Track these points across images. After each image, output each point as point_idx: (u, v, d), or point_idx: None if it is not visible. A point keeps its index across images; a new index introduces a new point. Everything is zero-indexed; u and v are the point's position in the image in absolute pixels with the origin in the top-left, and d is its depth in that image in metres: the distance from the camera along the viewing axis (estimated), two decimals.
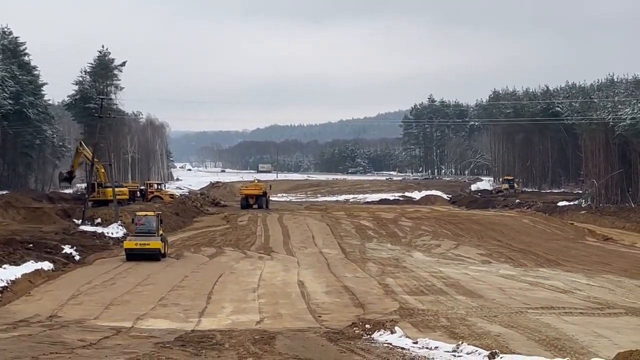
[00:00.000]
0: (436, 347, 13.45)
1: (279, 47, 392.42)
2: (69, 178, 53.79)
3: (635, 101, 58.54)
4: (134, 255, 29.84)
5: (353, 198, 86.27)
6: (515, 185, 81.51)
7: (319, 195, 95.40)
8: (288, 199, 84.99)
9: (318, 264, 31.20)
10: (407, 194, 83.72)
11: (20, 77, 59.31)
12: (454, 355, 12.74)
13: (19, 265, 25.13)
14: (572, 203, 63.90)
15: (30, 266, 25.45)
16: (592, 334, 15.89)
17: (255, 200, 62.63)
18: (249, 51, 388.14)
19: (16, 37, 63.21)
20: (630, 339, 14.29)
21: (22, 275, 23.70)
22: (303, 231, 45.77)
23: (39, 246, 30.25)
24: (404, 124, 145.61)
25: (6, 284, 21.73)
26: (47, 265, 26.74)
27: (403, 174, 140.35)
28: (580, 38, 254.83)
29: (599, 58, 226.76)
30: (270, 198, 68.08)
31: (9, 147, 59.01)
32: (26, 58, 64.34)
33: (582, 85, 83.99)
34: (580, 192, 71.18)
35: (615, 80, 76.86)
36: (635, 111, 56.56)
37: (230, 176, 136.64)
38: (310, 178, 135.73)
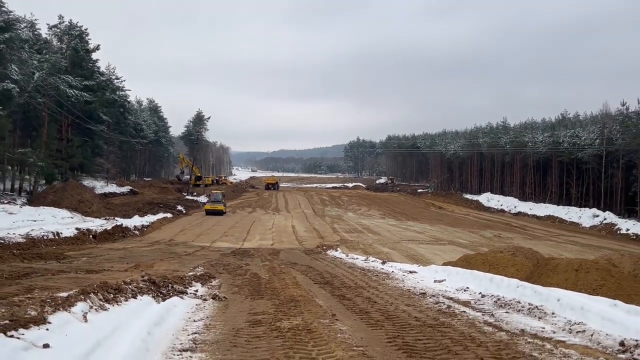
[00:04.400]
0: (357, 258, 22.47)
1: (278, 113, 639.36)
2: (181, 174, 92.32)
3: (453, 144, 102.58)
4: (209, 212, 47.84)
5: (320, 186, 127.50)
6: (394, 181, 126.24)
7: (303, 184, 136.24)
8: (288, 186, 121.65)
9: (301, 217, 51.10)
10: (346, 184, 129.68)
11: (158, 122, 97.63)
12: (365, 261, 20.56)
13: (155, 214, 42.69)
14: (425, 190, 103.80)
15: (160, 215, 42.98)
16: (432, 253, 27.84)
17: (272, 186, 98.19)
18: (268, 112, 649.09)
19: (156, 103, 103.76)
20: (450, 255, 24.50)
21: (156, 220, 39.96)
22: (295, 201, 72.63)
23: (165, 205, 50.70)
24: (345, 150, 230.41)
25: (148, 224, 37.20)
26: (169, 215, 44.78)
27: (344, 175, 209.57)
28: (426, 110, 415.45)
29: (438, 119, 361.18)
30: (280, 185, 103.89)
31: (152, 157, 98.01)
32: (161, 114, 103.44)
33: (429, 133, 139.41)
34: (429, 184, 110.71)
35: (446, 131, 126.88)
36: (455, 147, 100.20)
37: (260, 174, 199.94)
38: (299, 175, 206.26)
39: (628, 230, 44.32)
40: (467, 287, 12.34)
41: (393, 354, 6.68)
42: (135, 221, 36.41)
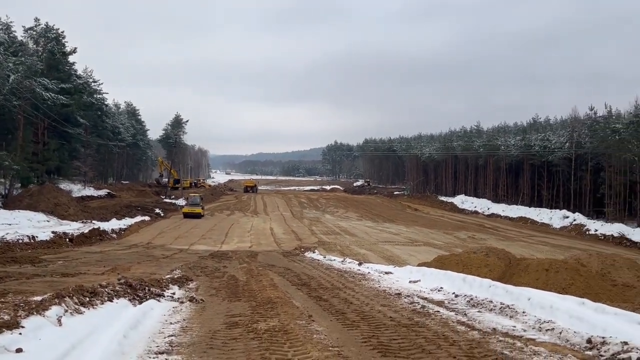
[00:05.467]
0: (334, 259, 22.53)
1: (256, 116, 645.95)
2: (160, 177, 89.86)
3: (429, 147, 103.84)
4: (188, 215, 47.38)
5: (298, 188, 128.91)
6: (371, 184, 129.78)
7: (281, 187, 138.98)
8: (267, 188, 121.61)
9: (280, 220, 50.94)
10: (324, 187, 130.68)
11: (136, 125, 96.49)
12: (342, 263, 20.71)
13: (133, 218, 41.68)
14: (401, 192, 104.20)
15: (138, 218, 42.05)
16: (408, 254, 28.04)
17: (251, 188, 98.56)
18: (246, 118, 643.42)
19: (134, 106, 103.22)
20: (425, 256, 24.57)
21: (134, 223, 39.19)
22: (273, 204, 72.55)
23: (143, 208, 49.46)
24: (323, 153, 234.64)
25: (126, 227, 36.47)
26: (147, 218, 43.94)
27: (322, 177, 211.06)
28: (402, 114, 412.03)
29: (413, 122, 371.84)
30: (258, 187, 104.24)
31: (130, 161, 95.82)
32: (139, 117, 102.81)
33: (405, 137, 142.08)
34: (405, 187, 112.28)
35: (422, 135, 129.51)
36: (430, 150, 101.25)
37: (238, 177, 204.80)
38: (277, 178, 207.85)
39: (596, 230, 45.18)
40: (441, 287, 12.45)
41: (368, 354, 6.70)
42: (113, 224, 35.94)
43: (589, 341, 7.07)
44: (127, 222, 38.80)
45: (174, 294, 11.44)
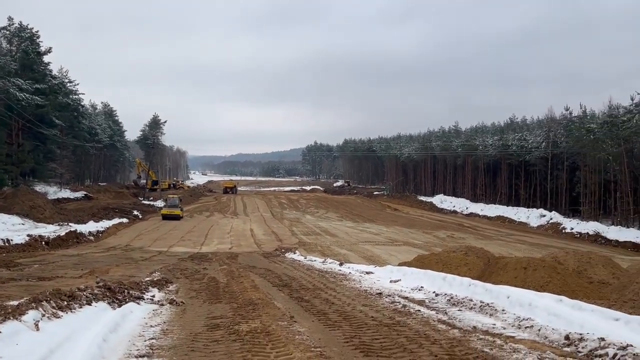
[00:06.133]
0: (315, 260, 22.39)
1: (236, 117, 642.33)
2: (138, 178, 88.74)
3: (408, 148, 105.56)
4: (166, 217, 46.84)
5: (278, 189, 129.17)
6: (350, 184, 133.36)
7: (261, 187, 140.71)
8: (246, 189, 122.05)
9: (260, 221, 50.56)
10: (304, 187, 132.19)
11: (113, 126, 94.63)
12: (323, 263, 20.70)
13: (110, 220, 41.20)
14: (380, 192, 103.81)
15: (116, 220, 41.78)
16: (388, 254, 28.07)
17: (231, 189, 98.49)
18: (225, 118, 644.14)
19: (112, 107, 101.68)
20: (405, 256, 24.50)
21: (112, 225, 38.84)
22: (253, 205, 72.17)
23: (121, 210, 48.45)
24: (303, 154, 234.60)
25: (103, 229, 36.20)
26: (125, 220, 43.51)
27: (302, 178, 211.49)
28: (382, 115, 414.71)
29: (393, 123, 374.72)
30: (238, 188, 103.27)
31: (107, 162, 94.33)
32: (116, 118, 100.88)
33: (385, 137, 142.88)
34: (384, 187, 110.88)
35: (401, 135, 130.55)
36: (409, 151, 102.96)
37: (218, 178, 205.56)
38: (257, 179, 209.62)
39: (572, 229, 45.94)
40: (422, 287, 12.54)
41: (350, 354, 6.72)
42: (90, 227, 35.45)
43: (567, 338, 7.19)
44: (105, 224, 38.29)
45: (153, 296, 11.33)
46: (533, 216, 54.51)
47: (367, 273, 16.31)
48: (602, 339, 6.73)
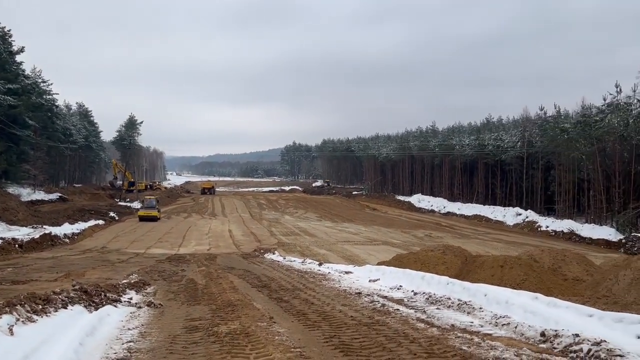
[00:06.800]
0: (294, 260, 22.49)
1: (213, 117, 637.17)
2: (114, 179, 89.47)
3: (386, 148, 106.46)
4: (143, 218, 46.28)
5: (257, 189, 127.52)
6: (330, 184, 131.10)
7: (240, 188, 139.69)
8: (225, 190, 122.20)
9: (238, 221, 50.66)
10: (283, 188, 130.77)
11: (88, 127, 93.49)
12: (303, 264, 20.75)
13: (86, 222, 40.33)
14: (359, 192, 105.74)
15: (92, 222, 40.98)
16: (367, 254, 28.10)
17: (209, 190, 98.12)
18: (202, 119, 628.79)
19: (87, 107, 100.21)
20: (384, 255, 24.99)
21: (88, 227, 38.26)
22: (231, 205, 72.30)
23: (97, 212, 47.92)
24: (282, 154, 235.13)
25: (79, 231, 35.66)
26: (101, 222, 42.76)
27: (281, 178, 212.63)
28: (360, 115, 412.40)
29: (371, 123, 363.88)
30: (216, 189, 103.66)
31: (82, 163, 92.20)
32: (91, 118, 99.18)
33: (363, 137, 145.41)
34: (363, 187, 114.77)
35: (379, 135, 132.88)
36: (387, 151, 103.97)
37: (196, 178, 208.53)
38: (235, 180, 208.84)
39: (547, 227, 46.68)
40: (401, 286, 12.62)
41: (330, 354, 6.74)
42: (65, 229, 34.85)
43: (542, 334, 7.31)
44: (81, 226, 37.68)
45: (131, 299, 11.20)
46: (509, 215, 55.25)
47: (346, 273, 16.36)
48: (577, 335, 6.86)
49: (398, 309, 9.89)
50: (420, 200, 77.87)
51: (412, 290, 11.82)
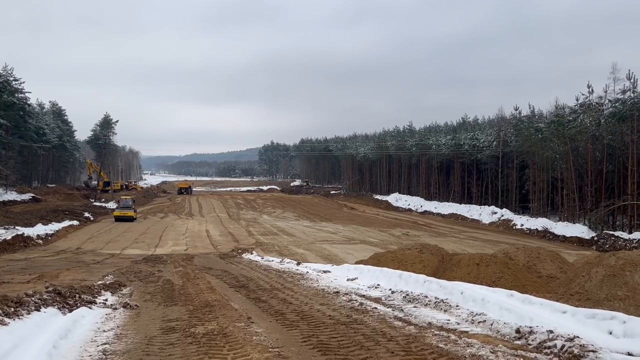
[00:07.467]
0: (272, 260, 22.56)
1: (190, 117, 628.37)
2: (89, 179, 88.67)
3: (364, 147, 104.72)
4: (119, 219, 45.63)
5: (235, 189, 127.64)
6: (309, 183, 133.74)
7: (217, 188, 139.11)
8: (202, 190, 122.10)
9: (216, 221, 50.19)
10: (260, 187, 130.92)
11: (62, 126, 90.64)
12: (281, 263, 20.88)
13: (60, 222, 39.68)
14: (337, 191, 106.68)
15: (66, 223, 40.26)
16: (345, 253, 28.25)
17: (185, 190, 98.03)
18: (179, 118, 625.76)
19: (60, 106, 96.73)
20: (362, 254, 25.00)
21: (62, 228, 37.66)
22: (209, 205, 71.83)
23: (71, 212, 47.08)
24: (260, 153, 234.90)
25: (53, 232, 35.06)
26: (75, 222, 42.19)
27: (259, 178, 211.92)
28: (338, 114, 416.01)
29: (349, 123, 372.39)
30: (193, 189, 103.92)
31: (56, 163, 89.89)
32: (65, 117, 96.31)
33: (341, 137, 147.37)
34: (341, 186, 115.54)
35: (356, 135, 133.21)
36: (365, 150, 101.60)
37: (173, 178, 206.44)
38: (213, 179, 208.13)
39: (522, 225, 47.36)
40: (378, 284, 12.68)
41: (308, 353, 6.73)
42: (39, 230, 34.19)
43: (517, 331, 7.41)
44: (54, 227, 37.02)
45: (106, 300, 11.05)
46: (485, 213, 55.91)
47: (325, 272, 16.37)
48: (551, 332, 6.97)
49: (376, 308, 9.93)
50: (397, 199, 78.32)
51: (390, 289, 11.88)
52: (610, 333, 6.82)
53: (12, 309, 8.01)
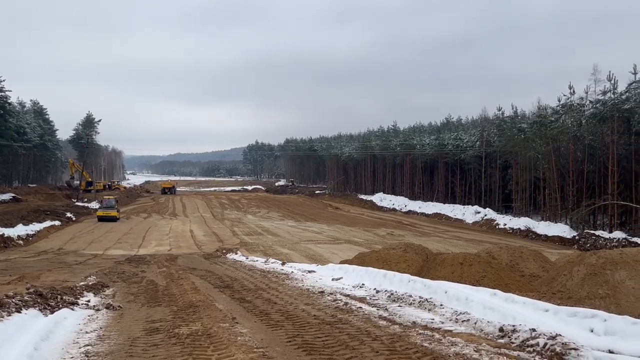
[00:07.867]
0: (257, 260, 22.41)
1: (174, 116, 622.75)
2: (71, 179, 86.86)
3: (348, 147, 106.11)
4: (102, 219, 45.36)
5: (219, 189, 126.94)
6: (294, 183, 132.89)
7: (201, 187, 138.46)
8: (186, 190, 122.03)
9: (200, 221, 49.86)
10: (245, 187, 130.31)
11: (43, 125, 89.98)
12: (265, 263, 20.82)
13: (41, 222, 38.92)
14: (322, 191, 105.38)
15: (48, 223, 39.58)
16: (330, 253, 28.21)
17: (169, 190, 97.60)
18: (163, 118, 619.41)
19: (41, 105, 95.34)
20: (347, 254, 24.88)
21: (43, 228, 37.08)
22: (193, 205, 71.43)
23: (53, 212, 46.06)
24: (244, 153, 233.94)
25: (34, 233, 34.59)
26: (57, 222, 41.58)
27: (243, 178, 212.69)
28: (322, 114, 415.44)
29: (333, 123, 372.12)
30: (177, 189, 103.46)
31: (37, 162, 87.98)
32: (47, 116, 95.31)
33: (326, 137, 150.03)
34: (326, 186, 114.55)
35: (341, 135, 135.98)
36: (349, 150, 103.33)
37: (156, 178, 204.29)
38: (197, 179, 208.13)
39: (505, 225, 47.80)
40: (363, 284, 12.70)
41: (293, 353, 6.72)
42: (19, 230, 33.68)
43: (501, 330, 7.48)
44: (36, 227, 36.49)
45: (89, 301, 10.93)
46: (468, 213, 56.33)
47: (310, 272, 16.37)
48: (534, 330, 7.05)
49: (361, 307, 9.95)
50: (382, 199, 78.59)
51: (375, 289, 11.92)
52: (592, 331, 6.92)
53: None
